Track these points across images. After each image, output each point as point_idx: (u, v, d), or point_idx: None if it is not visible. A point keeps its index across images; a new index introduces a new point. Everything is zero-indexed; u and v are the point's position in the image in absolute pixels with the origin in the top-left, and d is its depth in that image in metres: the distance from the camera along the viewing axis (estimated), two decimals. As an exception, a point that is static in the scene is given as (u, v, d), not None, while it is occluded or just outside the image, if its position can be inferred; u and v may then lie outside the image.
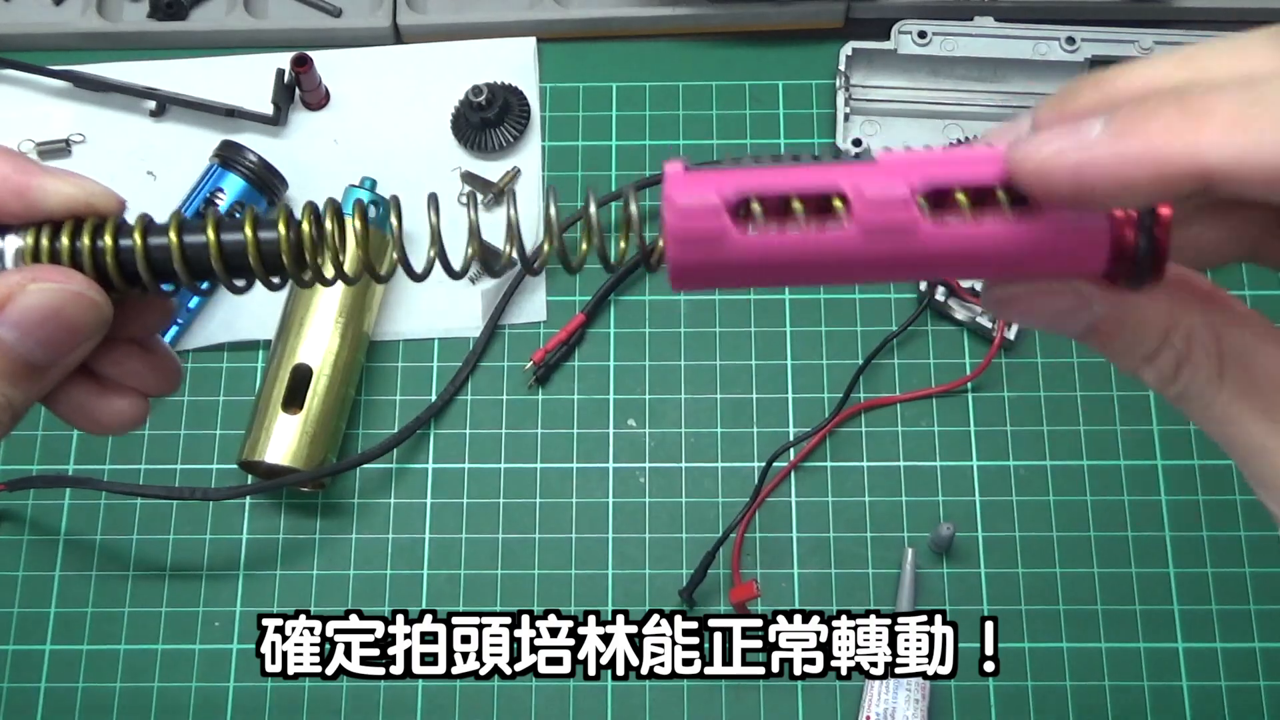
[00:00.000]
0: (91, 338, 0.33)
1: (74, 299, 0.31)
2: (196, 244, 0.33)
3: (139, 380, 0.36)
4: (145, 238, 0.32)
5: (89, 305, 0.32)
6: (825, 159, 0.29)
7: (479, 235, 0.34)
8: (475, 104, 0.74)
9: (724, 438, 0.69)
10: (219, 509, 0.68)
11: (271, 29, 0.78)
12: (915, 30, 0.74)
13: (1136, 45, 0.75)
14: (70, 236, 0.32)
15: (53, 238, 0.32)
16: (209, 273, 0.33)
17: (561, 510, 0.68)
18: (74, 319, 0.32)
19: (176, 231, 0.33)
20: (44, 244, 0.32)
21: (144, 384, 0.36)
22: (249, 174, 0.71)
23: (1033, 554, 0.67)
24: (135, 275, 0.32)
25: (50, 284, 0.31)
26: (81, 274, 0.32)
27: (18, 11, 0.80)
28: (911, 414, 0.70)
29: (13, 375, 0.31)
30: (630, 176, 0.74)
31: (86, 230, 0.32)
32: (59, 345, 0.32)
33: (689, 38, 0.79)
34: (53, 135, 0.76)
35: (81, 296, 0.32)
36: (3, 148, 0.33)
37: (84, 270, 0.32)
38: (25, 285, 0.31)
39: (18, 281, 0.31)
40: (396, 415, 0.70)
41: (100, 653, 0.66)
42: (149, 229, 0.33)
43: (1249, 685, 0.64)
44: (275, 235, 0.32)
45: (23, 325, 0.31)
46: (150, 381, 0.36)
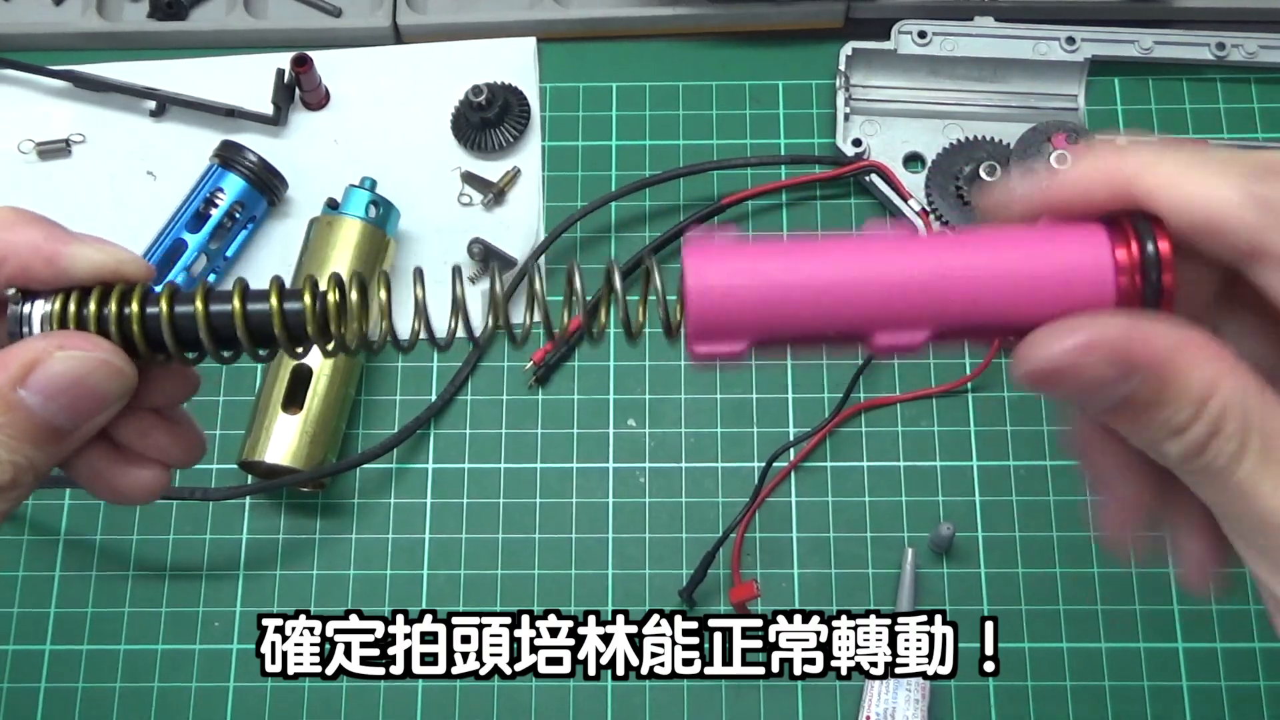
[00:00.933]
0: (115, 404, 0.33)
1: (99, 366, 0.32)
2: (221, 313, 0.33)
3: (160, 451, 0.36)
4: (172, 306, 0.33)
5: (113, 372, 0.32)
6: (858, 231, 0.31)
7: (465, 309, 0.35)
8: (475, 104, 0.74)
9: (724, 438, 0.69)
10: (219, 509, 0.68)
11: (271, 29, 0.78)
12: (915, 30, 0.74)
13: (1136, 45, 0.75)
14: (98, 303, 0.32)
15: (80, 304, 0.32)
16: (233, 342, 0.33)
17: (561, 510, 0.68)
18: (98, 386, 0.32)
19: (203, 300, 0.33)
20: (71, 310, 0.32)
21: (165, 455, 0.36)
22: (249, 174, 0.71)
23: (1033, 554, 0.67)
24: (160, 343, 0.33)
25: (76, 351, 0.32)
26: (108, 341, 0.32)
27: (18, 11, 0.80)
28: (911, 414, 0.70)
29: (36, 438, 0.32)
30: (630, 176, 0.74)
31: (114, 297, 0.33)
32: (83, 411, 0.32)
33: (689, 38, 0.79)
34: (53, 135, 0.76)
35: (106, 364, 0.32)
36: (35, 215, 0.33)
37: (110, 337, 0.32)
38: (52, 351, 0.31)
39: (44, 347, 0.31)
40: (396, 415, 0.70)
41: (100, 653, 0.66)
42: (175, 297, 0.33)
43: (1249, 685, 0.64)
44: (301, 306, 0.33)
45: (47, 391, 0.31)
46: (172, 453, 0.36)
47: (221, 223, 0.71)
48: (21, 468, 0.32)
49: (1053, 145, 0.70)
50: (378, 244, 0.69)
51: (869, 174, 0.73)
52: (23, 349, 0.32)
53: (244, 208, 0.72)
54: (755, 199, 0.74)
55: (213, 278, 0.72)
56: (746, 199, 0.73)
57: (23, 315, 0.32)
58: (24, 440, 0.32)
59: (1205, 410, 0.27)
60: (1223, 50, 0.75)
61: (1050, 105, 0.75)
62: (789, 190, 0.74)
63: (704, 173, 0.74)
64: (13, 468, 0.32)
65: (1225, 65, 0.75)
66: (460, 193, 0.75)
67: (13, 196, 0.75)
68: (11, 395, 0.31)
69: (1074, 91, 0.76)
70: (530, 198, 0.74)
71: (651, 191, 0.74)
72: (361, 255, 0.68)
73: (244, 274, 0.73)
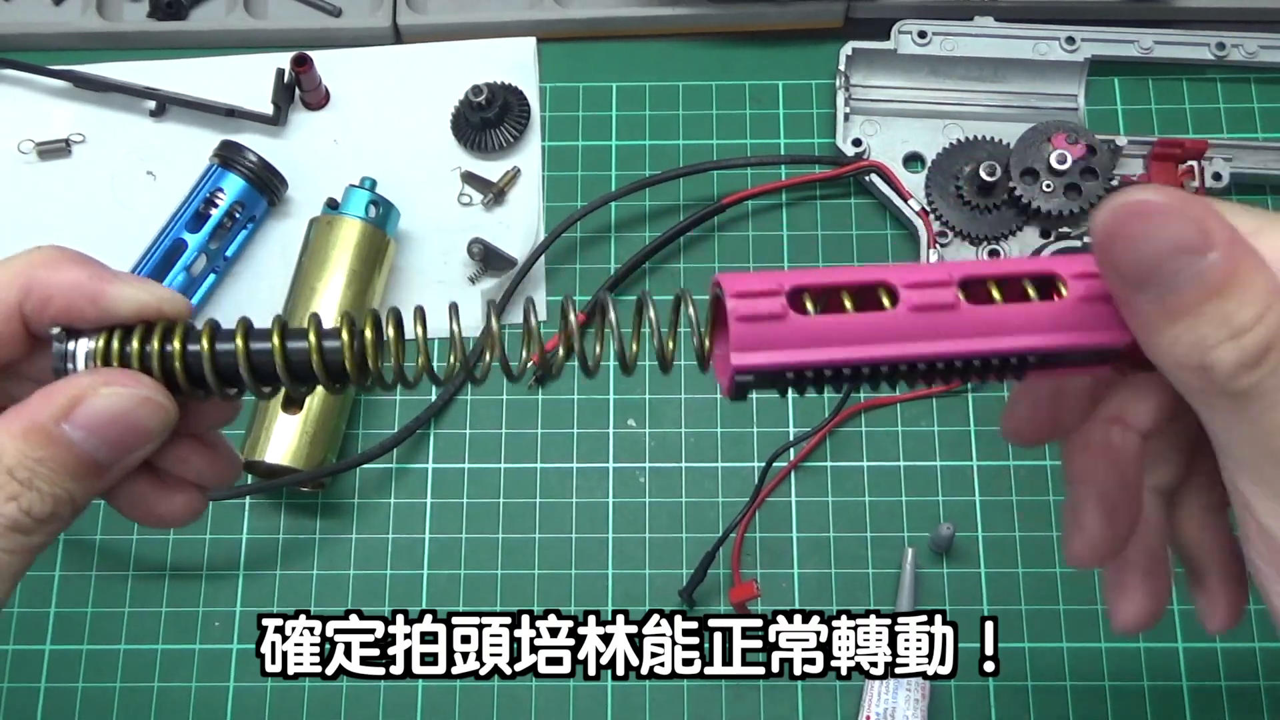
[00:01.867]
0: (156, 440, 0.34)
1: (142, 403, 0.33)
2: (261, 350, 0.33)
3: (198, 475, 0.37)
4: (213, 344, 0.33)
5: (156, 409, 0.33)
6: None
7: (501, 344, 0.35)
8: (475, 104, 0.74)
9: (724, 438, 0.69)
10: (219, 509, 0.68)
11: (271, 29, 0.78)
12: (915, 30, 0.74)
13: (1136, 45, 0.75)
14: (140, 341, 0.33)
15: (123, 342, 0.33)
16: (273, 379, 0.34)
17: (561, 510, 0.68)
18: (141, 422, 0.33)
19: (243, 338, 0.33)
20: (115, 348, 0.33)
21: (203, 478, 0.37)
22: (249, 174, 0.71)
23: (1033, 554, 0.67)
24: (201, 379, 0.33)
25: (120, 388, 0.32)
26: (150, 378, 0.33)
27: (18, 11, 0.80)
28: (911, 414, 0.70)
29: (77, 472, 0.32)
30: (630, 176, 0.74)
31: (156, 335, 0.33)
32: (125, 446, 0.33)
33: (689, 38, 0.79)
34: (53, 135, 0.76)
35: (149, 401, 0.33)
36: (79, 254, 0.34)
37: (152, 374, 0.33)
38: (97, 388, 0.32)
39: (89, 384, 0.32)
40: (396, 415, 0.70)
41: (100, 653, 0.66)
42: (216, 335, 0.33)
43: (1249, 685, 0.64)
44: (339, 344, 0.33)
45: (90, 426, 0.32)
46: (209, 475, 0.37)
47: (221, 223, 0.71)
48: (61, 500, 0.32)
49: (1053, 145, 0.70)
50: (378, 244, 0.69)
51: (869, 174, 0.73)
52: (67, 385, 0.32)
53: (244, 208, 0.72)
54: (755, 199, 0.74)
55: (213, 278, 0.72)
56: (746, 199, 0.73)
57: (67, 353, 0.33)
58: (65, 474, 0.32)
59: (1268, 315, 0.26)
60: (1223, 50, 0.75)
61: (1050, 105, 0.75)
62: (789, 190, 0.74)
63: (704, 173, 0.74)
64: (53, 500, 0.32)
65: (1225, 65, 0.75)
66: (460, 193, 0.75)
67: (13, 196, 0.75)
68: (55, 430, 0.32)
69: (1074, 91, 0.76)
70: (530, 198, 0.74)
71: (651, 191, 0.74)
72: (361, 255, 0.68)
73: (244, 274, 0.73)
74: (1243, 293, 0.26)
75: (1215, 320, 0.26)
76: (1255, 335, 0.26)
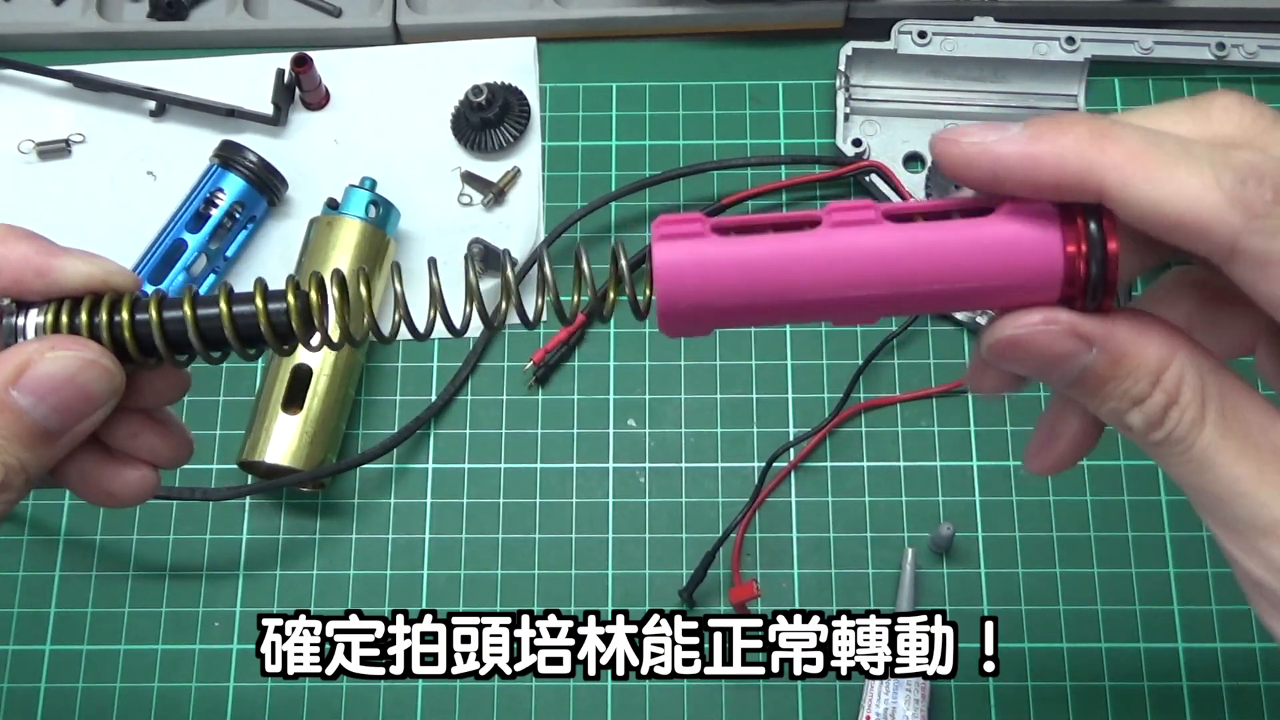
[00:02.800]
0: (105, 405, 0.34)
1: (88, 366, 0.33)
2: (209, 315, 0.34)
3: (150, 452, 0.37)
4: (161, 311, 0.34)
5: (102, 372, 0.33)
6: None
7: (479, 295, 0.36)
8: (475, 104, 0.74)
9: (724, 438, 0.69)
10: (219, 509, 0.68)
11: (271, 29, 0.78)
12: (915, 30, 0.74)
13: (1136, 45, 0.75)
14: (89, 312, 0.34)
15: (72, 313, 0.34)
16: (221, 342, 0.35)
17: (561, 510, 0.68)
18: (88, 385, 0.33)
19: (190, 304, 0.34)
20: (64, 319, 0.34)
21: (155, 455, 0.37)
22: (249, 174, 0.71)
23: (1033, 554, 0.67)
24: (151, 347, 0.34)
25: (66, 352, 0.33)
26: (97, 344, 0.33)
27: (18, 11, 0.80)
28: (911, 414, 0.70)
29: (27, 440, 0.33)
30: (630, 176, 0.74)
31: (104, 306, 0.34)
32: (73, 411, 0.33)
33: (689, 38, 0.79)
34: (53, 135, 0.76)
35: (95, 364, 0.33)
36: (26, 230, 0.35)
37: (102, 342, 0.34)
38: (43, 353, 0.33)
39: (35, 349, 0.33)
40: (396, 415, 0.70)
41: (100, 653, 0.66)
42: (164, 303, 0.34)
43: (1249, 685, 0.64)
44: (285, 305, 0.34)
45: (39, 391, 0.32)
46: (161, 453, 0.37)
47: (221, 223, 0.71)
48: (13, 469, 0.33)
49: (1053, 145, 0.70)
50: (378, 244, 0.69)
51: (869, 174, 0.73)
52: (15, 352, 0.33)
53: (244, 208, 0.72)
54: (755, 199, 0.74)
55: (213, 278, 0.72)
56: (746, 199, 0.73)
57: (17, 327, 0.34)
58: (15, 441, 0.33)
59: (1162, 380, 0.29)
60: (1223, 50, 0.75)
61: (1050, 105, 0.75)
62: (789, 190, 0.74)
63: (704, 173, 0.74)
64: (3, 469, 0.33)
65: (1225, 65, 0.75)
66: (460, 193, 0.75)
67: (13, 196, 0.75)
68: (4, 396, 0.32)
69: (1074, 91, 0.76)
70: (530, 198, 0.74)
71: (651, 191, 0.74)
72: (361, 255, 0.68)
73: (244, 274, 0.73)
74: (1133, 371, 0.29)
75: (1116, 396, 0.29)
76: (1154, 401, 0.29)
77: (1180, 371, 0.29)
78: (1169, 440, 0.29)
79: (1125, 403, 0.29)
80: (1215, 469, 0.29)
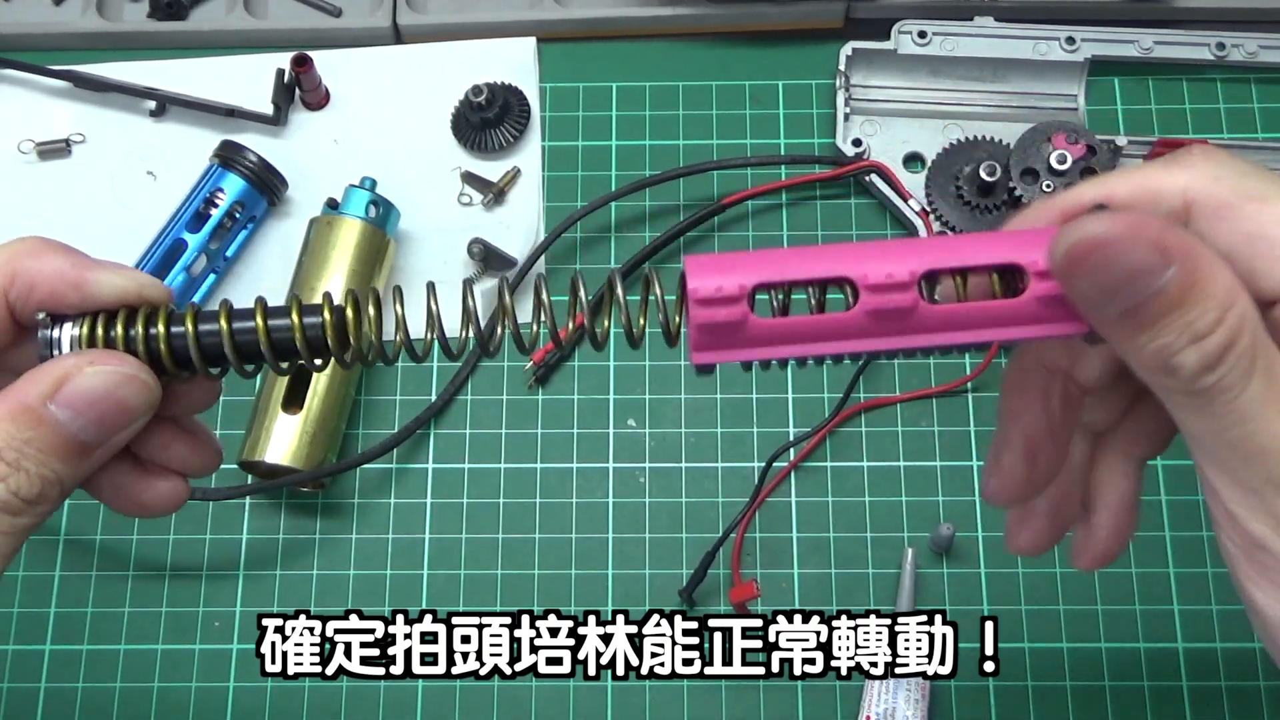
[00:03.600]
0: (141, 419, 0.34)
1: (127, 381, 0.33)
2: (245, 329, 0.34)
3: (180, 462, 0.37)
4: (197, 324, 0.34)
5: (140, 387, 0.34)
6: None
7: (476, 319, 0.36)
8: (475, 104, 0.74)
9: (724, 438, 0.69)
10: (219, 509, 0.68)
11: (271, 29, 0.78)
12: (915, 30, 0.75)
13: (1136, 45, 0.75)
14: (124, 325, 0.34)
15: (107, 326, 0.34)
16: (257, 356, 0.35)
17: (561, 510, 0.68)
18: (126, 400, 0.33)
19: (226, 318, 0.34)
20: (99, 332, 0.34)
21: (185, 465, 0.37)
22: (249, 174, 0.71)
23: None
24: (186, 360, 0.34)
25: (105, 367, 0.33)
26: (134, 357, 0.34)
27: (18, 11, 0.80)
28: (911, 414, 0.70)
29: (64, 453, 0.33)
30: (630, 176, 0.74)
31: (140, 319, 0.34)
32: (110, 425, 0.33)
33: (689, 38, 0.79)
34: (53, 135, 0.76)
35: (133, 379, 0.33)
36: (59, 243, 0.35)
37: (137, 355, 0.34)
38: (82, 368, 0.33)
39: (74, 364, 0.33)
40: (396, 415, 0.70)
41: (100, 653, 0.66)
42: (200, 316, 0.35)
43: (1249, 685, 0.64)
44: (320, 320, 0.34)
45: (77, 405, 0.32)
46: (191, 462, 0.38)
47: (221, 223, 0.71)
48: (49, 481, 0.33)
49: (1053, 145, 0.70)
50: (378, 244, 0.69)
51: (869, 174, 0.73)
52: (54, 366, 0.33)
53: (244, 207, 0.72)
54: (755, 199, 0.74)
55: (213, 278, 0.72)
56: (746, 199, 0.73)
57: (52, 339, 0.34)
58: (52, 454, 0.33)
59: (1227, 317, 0.27)
60: (1223, 50, 0.75)
61: (1050, 105, 0.76)
62: (789, 190, 0.74)
63: (704, 173, 0.74)
64: (41, 481, 0.33)
65: (1225, 65, 0.75)
66: (460, 193, 0.75)
67: (13, 196, 0.75)
68: (42, 410, 0.32)
69: (1074, 91, 0.76)
70: (530, 198, 0.74)
71: (651, 191, 0.74)
72: (361, 255, 0.68)
73: (244, 274, 0.73)
74: (1202, 300, 0.27)
75: (1177, 329, 0.28)
76: (1215, 338, 0.27)
77: (1243, 311, 0.27)
78: (1218, 387, 0.27)
79: (1184, 338, 0.27)
80: (1256, 421, 0.27)
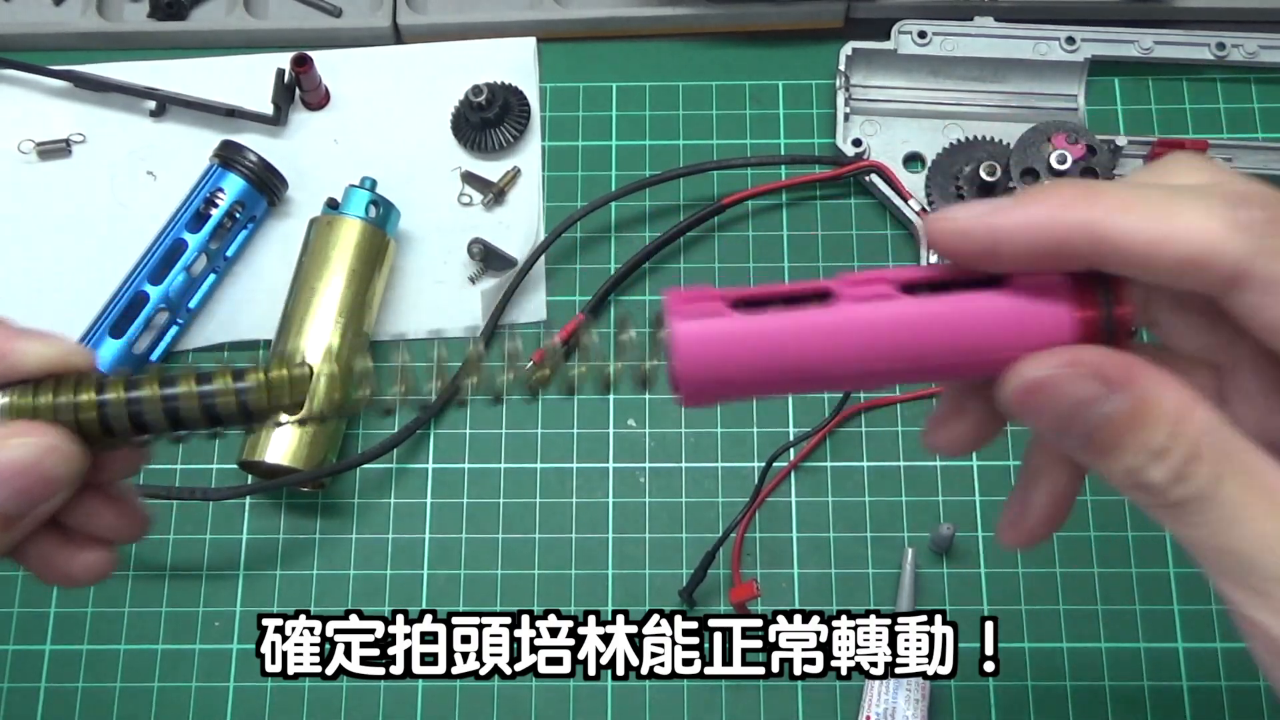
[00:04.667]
0: (66, 489, 0.34)
1: (50, 452, 0.33)
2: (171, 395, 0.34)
3: (108, 530, 0.37)
4: (127, 392, 0.34)
5: (64, 457, 0.33)
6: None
7: (478, 365, 0.36)
8: (475, 104, 0.74)
9: (724, 438, 0.69)
10: (219, 509, 0.68)
11: (271, 29, 0.78)
12: (915, 30, 0.75)
13: (1136, 45, 0.75)
14: (51, 394, 0.33)
15: (34, 395, 0.33)
16: (188, 423, 0.34)
17: (561, 510, 0.68)
18: (49, 470, 0.33)
19: (155, 386, 0.34)
20: (24, 402, 0.33)
21: (112, 533, 0.37)
22: (249, 174, 0.71)
23: (1033, 554, 0.67)
24: (110, 428, 0.34)
25: (28, 439, 0.32)
26: (60, 428, 0.33)
27: (18, 11, 0.80)
28: (911, 414, 0.70)
29: None
30: (630, 176, 0.74)
31: (67, 387, 0.33)
32: (34, 496, 0.33)
33: (689, 38, 0.79)
34: (53, 135, 0.76)
35: (56, 449, 0.33)
36: None
37: (64, 425, 0.33)
38: (6, 440, 0.32)
39: None
40: (396, 415, 0.70)
41: (100, 653, 0.66)
42: (129, 384, 0.34)
43: (1249, 685, 0.64)
44: (252, 384, 0.34)
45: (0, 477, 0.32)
46: (119, 530, 0.37)
47: (221, 223, 0.71)
48: None
49: (1053, 145, 0.70)
50: (378, 244, 0.69)
51: (869, 174, 0.73)
52: None
53: (244, 208, 0.72)
54: (755, 199, 0.74)
55: (213, 278, 0.72)
56: (746, 199, 0.73)
57: None
58: None
59: (1184, 429, 0.28)
60: (1223, 50, 0.75)
61: (1050, 105, 0.76)
62: (789, 190, 0.74)
63: (704, 173, 0.74)
64: None
65: (1225, 65, 0.75)
66: (460, 193, 0.75)
67: (13, 196, 0.75)
68: None
69: (1074, 91, 0.76)
70: (530, 198, 0.74)
71: (651, 191, 0.74)
72: (361, 255, 0.68)
73: (244, 274, 0.73)
74: (1155, 419, 0.28)
75: (1135, 449, 0.28)
76: (1177, 452, 0.28)
77: (1200, 423, 0.28)
78: (1194, 497, 0.28)
79: (1144, 457, 0.28)
80: (1242, 525, 0.27)
